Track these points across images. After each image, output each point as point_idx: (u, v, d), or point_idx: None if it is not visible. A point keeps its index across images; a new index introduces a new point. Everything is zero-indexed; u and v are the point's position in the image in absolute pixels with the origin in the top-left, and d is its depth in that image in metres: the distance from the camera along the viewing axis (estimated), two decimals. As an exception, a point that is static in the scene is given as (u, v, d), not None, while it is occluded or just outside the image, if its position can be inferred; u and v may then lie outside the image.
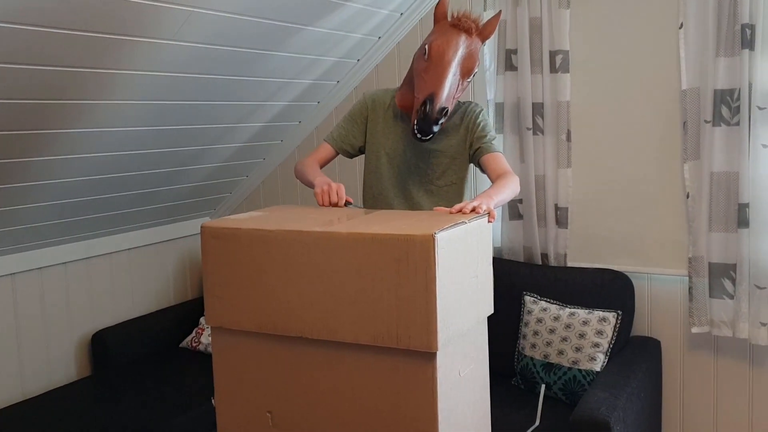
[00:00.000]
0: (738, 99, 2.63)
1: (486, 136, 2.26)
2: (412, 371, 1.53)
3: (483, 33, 2.18)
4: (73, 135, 2.60)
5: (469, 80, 2.17)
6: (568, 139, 2.99)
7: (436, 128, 2.07)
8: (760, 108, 2.60)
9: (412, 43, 3.35)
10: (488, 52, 3.11)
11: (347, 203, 2.03)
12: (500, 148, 2.32)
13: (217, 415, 1.80)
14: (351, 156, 2.41)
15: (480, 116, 2.30)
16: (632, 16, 2.88)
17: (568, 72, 2.96)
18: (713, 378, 2.91)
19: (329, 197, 2.00)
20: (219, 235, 1.73)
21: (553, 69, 2.97)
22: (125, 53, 2.35)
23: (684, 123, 2.77)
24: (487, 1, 3.09)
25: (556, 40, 2.94)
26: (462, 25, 2.13)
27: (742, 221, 2.66)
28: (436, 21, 2.21)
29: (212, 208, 4.01)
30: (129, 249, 3.61)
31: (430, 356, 1.51)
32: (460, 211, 1.74)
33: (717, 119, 2.67)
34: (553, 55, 2.96)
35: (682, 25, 2.73)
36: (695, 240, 2.79)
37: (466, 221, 1.64)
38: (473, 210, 1.74)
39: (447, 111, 2.07)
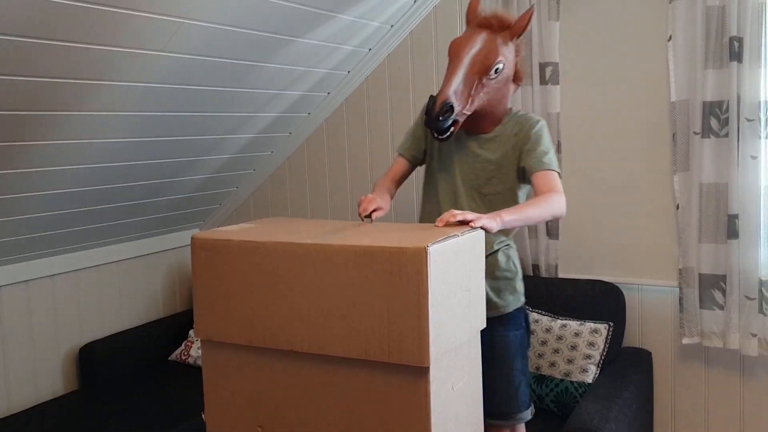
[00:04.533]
0: (727, 111, 2.64)
1: (536, 150, 2.11)
2: (405, 386, 1.52)
3: (513, 29, 2.09)
4: (61, 146, 2.58)
5: (493, 78, 2.06)
6: (558, 150, 2.99)
7: (442, 125, 1.99)
8: (748, 120, 2.61)
9: (402, 54, 3.35)
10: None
11: (367, 216, 2.03)
12: (554, 165, 2.12)
13: (207, 429, 1.78)
14: (421, 164, 2.33)
15: (535, 128, 2.15)
16: (621, 28, 2.89)
17: (557, 84, 2.97)
18: (704, 389, 2.91)
19: (359, 206, 1.99)
20: (209, 247, 1.71)
21: (543, 81, 2.97)
22: (115, 64, 2.34)
23: (673, 135, 2.78)
24: (477, 13, 3.09)
25: (545, 52, 2.95)
26: (484, 23, 2.08)
27: (732, 232, 2.67)
28: (467, 24, 2.16)
29: (201, 219, 3.99)
30: (117, 261, 3.58)
31: (422, 371, 1.50)
32: (447, 220, 1.72)
33: (706, 131, 2.68)
34: (542, 67, 2.96)
35: (670, 37, 2.75)
36: (685, 251, 2.79)
37: (459, 234, 1.63)
38: (464, 222, 1.71)
39: (452, 107, 1.99)
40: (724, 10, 2.60)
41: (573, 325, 2.83)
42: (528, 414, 2.21)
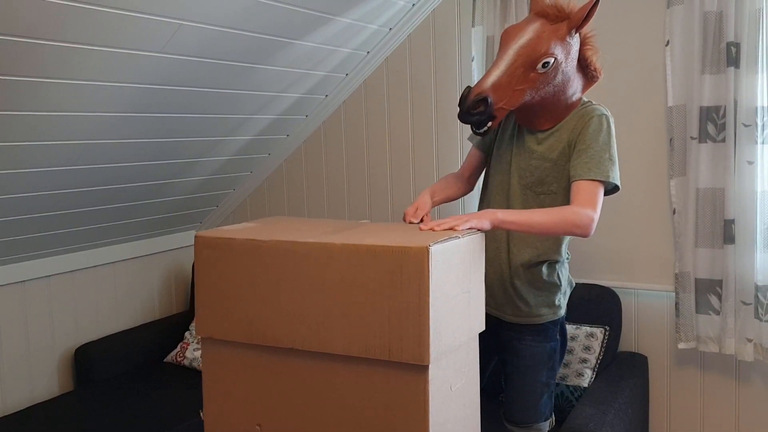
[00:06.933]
0: (724, 116, 2.65)
1: (585, 152, 1.94)
2: (404, 384, 1.52)
3: (572, 20, 1.91)
4: (58, 147, 2.58)
5: (542, 73, 1.90)
6: (556, 154, 3.00)
7: (475, 119, 1.88)
8: (745, 125, 2.62)
9: (400, 57, 3.36)
10: (477, 68, 3.13)
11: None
12: (602, 173, 1.93)
13: (206, 427, 1.78)
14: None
15: (593, 123, 1.97)
16: (619, 33, 2.91)
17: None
18: (700, 394, 2.91)
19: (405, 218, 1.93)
20: (212, 245, 1.72)
21: (541, 85, 2.97)
22: (113, 65, 2.34)
23: (670, 139, 2.80)
24: (476, 18, 3.11)
25: (544, 56, 2.95)
26: (541, 11, 1.94)
27: (728, 237, 2.68)
28: (530, 10, 2.03)
29: (199, 221, 3.99)
30: (114, 262, 3.57)
31: (422, 369, 1.50)
32: (432, 228, 1.68)
33: (703, 136, 2.69)
34: (541, 71, 2.96)
35: (668, 42, 2.76)
36: (681, 256, 2.80)
37: (460, 235, 1.63)
38: (451, 228, 1.67)
39: (486, 100, 1.86)
40: (721, 15, 2.62)
41: (569, 328, 2.83)
42: (546, 425, 2.17)
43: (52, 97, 2.31)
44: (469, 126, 1.98)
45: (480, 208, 2.21)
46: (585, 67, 2.05)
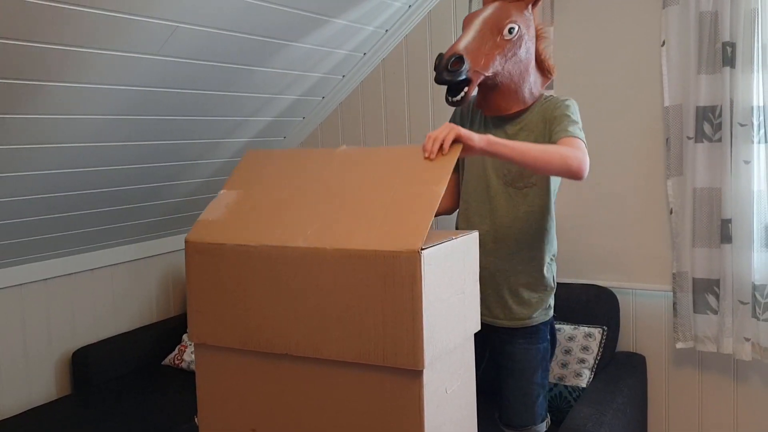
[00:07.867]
0: (720, 116, 2.65)
1: (561, 123, 2.02)
2: (399, 389, 1.52)
3: None
4: (54, 150, 2.58)
5: (507, 39, 1.99)
6: (553, 155, 3.00)
7: (452, 77, 1.91)
8: (741, 125, 2.62)
9: (397, 58, 3.36)
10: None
11: None
12: (580, 135, 2.01)
13: (201, 433, 1.78)
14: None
15: (561, 107, 2.06)
16: (616, 33, 2.91)
17: (552, 89, 2.98)
18: (698, 393, 2.91)
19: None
20: (203, 250, 1.71)
21: (537, 85, 2.98)
22: (110, 68, 2.33)
23: (667, 139, 2.79)
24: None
25: (540, 56, 2.96)
26: None
27: (725, 237, 2.68)
28: (483, 4, 2.14)
29: (196, 223, 3.98)
30: (112, 265, 3.57)
31: (416, 374, 1.50)
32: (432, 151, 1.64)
33: (699, 136, 2.69)
34: (537, 71, 2.97)
35: (664, 42, 2.76)
36: (679, 255, 2.80)
37: (453, 237, 1.63)
38: (441, 147, 1.63)
39: (462, 59, 1.91)
40: (717, 15, 2.62)
41: (567, 329, 2.84)
42: (543, 426, 2.19)
43: (47, 100, 2.31)
44: (446, 100, 2.01)
45: (459, 215, 2.23)
46: (540, 62, 2.13)
